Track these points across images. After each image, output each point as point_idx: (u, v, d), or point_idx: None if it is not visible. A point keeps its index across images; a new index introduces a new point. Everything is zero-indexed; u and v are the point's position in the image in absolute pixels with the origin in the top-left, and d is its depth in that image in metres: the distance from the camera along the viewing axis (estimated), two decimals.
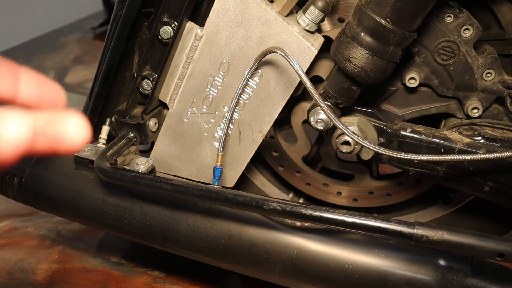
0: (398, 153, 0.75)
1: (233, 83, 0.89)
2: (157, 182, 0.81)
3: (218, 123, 0.94)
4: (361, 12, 0.74)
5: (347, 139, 0.87)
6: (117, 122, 0.96)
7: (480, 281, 0.77)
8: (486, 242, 0.69)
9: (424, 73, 0.85)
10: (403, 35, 0.74)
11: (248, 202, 0.76)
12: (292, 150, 1.07)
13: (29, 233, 1.31)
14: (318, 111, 0.86)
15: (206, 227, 0.88)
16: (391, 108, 0.91)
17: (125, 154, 0.92)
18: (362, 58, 0.75)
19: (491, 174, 0.82)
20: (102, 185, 0.94)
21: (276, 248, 0.84)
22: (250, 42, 0.85)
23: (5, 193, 1.05)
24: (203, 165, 0.98)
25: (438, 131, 0.85)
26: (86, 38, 2.78)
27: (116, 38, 0.92)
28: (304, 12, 0.83)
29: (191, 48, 0.88)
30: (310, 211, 0.73)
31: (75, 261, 1.20)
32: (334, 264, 0.82)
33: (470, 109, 0.85)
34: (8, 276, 1.16)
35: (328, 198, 1.10)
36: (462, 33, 0.80)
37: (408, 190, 1.04)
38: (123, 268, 1.17)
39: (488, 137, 0.82)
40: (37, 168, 1.00)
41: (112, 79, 0.96)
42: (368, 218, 0.72)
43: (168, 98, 0.94)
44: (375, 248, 0.82)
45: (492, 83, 0.83)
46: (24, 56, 2.56)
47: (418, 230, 0.70)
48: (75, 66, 2.42)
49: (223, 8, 0.84)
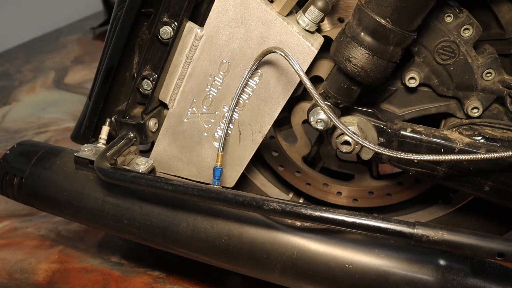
0: (398, 153, 0.75)
1: (233, 83, 0.89)
2: (157, 182, 0.81)
3: (218, 123, 0.94)
4: (361, 12, 0.74)
5: (347, 139, 0.87)
6: (117, 122, 0.96)
7: (480, 281, 0.77)
8: (486, 242, 0.69)
9: (424, 73, 0.85)
10: (403, 35, 0.74)
11: (248, 202, 0.76)
12: (292, 150, 1.07)
13: (29, 233, 1.31)
14: (318, 111, 0.86)
15: (206, 227, 0.88)
16: (391, 108, 0.91)
17: (125, 154, 0.92)
18: (362, 58, 0.75)
19: (491, 174, 0.82)
20: (102, 185, 0.94)
21: (276, 248, 0.84)
22: (250, 42, 0.85)
23: (5, 193, 1.05)
24: (203, 165, 0.98)
25: (438, 131, 0.85)
26: (86, 38, 2.78)
27: (116, 38, 0.92)
28: (304, 12, 0.83)
29: (191, 48, 0.88)
30: (310, 211, 0.73)
31: (75, 261, 1.20)
32: (334, 264, 0.82)
33: (470, 109, 0.85)
34: (8, 276, 1.16)
35: (328, 198, 1.10)
36: (462, 33, 0.80)
37: (408, 190, 1.04)
38: (123, 268, 1.17)
39: (488, 137, 0.82)
40: (37, 168, 1.00)
41: (112, 79, 0.96)
42: (368, 218, 0.72)
43: (168, 98, 0.94)
44: (375, 248, 0.82)
45: (492, 82, 0.83)
46: (24, 56, 2.56)
47: (418, 230, 0.70)
48: (75, 66, 2.42)
49: (223, 8, 0.84)
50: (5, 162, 1.04)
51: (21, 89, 2.20)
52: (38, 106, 2.04)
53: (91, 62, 2.44)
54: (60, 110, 2.00)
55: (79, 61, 2.48)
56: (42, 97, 2.13)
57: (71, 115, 1.94)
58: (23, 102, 2.09)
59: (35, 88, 2.21)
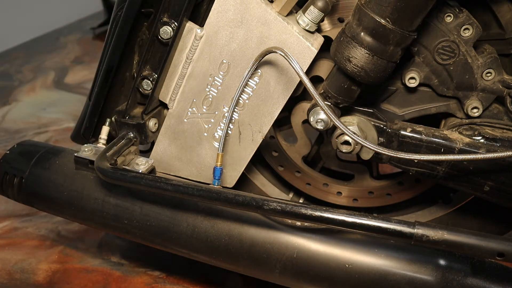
0: (398, 152, 0.75)
1: (233, 83, 0.89)
2: (157, 182, 0.81)
3: (218, 123, 0.94)
4: (361, 12, 0.74)
5: (347, 139, 0.87)
6: (117, 122, 0.96)
7: (480, 281, 0.77)
8: (486, 242, 0.69)
9: (424, 72, 0.85)
10: (403, 35, 0.74)
11: (248, 202, 0.76)
12: (292, 150, 1.07)
13: (29, 234, 1.31)
14: (318, 111, 0.86)
15: (206, 227, 0.88)
16: (391, 108, 0.91)
17: (125, 154, 0.92)
18: (362, 58, 0.75)
19: (491, 173, 0.82)
20: (102, 185, 0.94)
21: (276, 248, 0.84)
22: (250, 42, 0.85)
23: (5, 193, 1.05)
24: (203, 165, 0.98)
25: (438, 131, 0.85)
26: (86, 38, 2.78)
27: (116, 38, 0.92)
28: (304, 12, 0.83)
29: (191, 48, 0.88)
30: (310, 211, 0.73)
31: (75, 261, 1.20)
32: (334, 264, 0.82)
33: (470, 108, 0.85)
34: (8, 276, 1.16)
35: (328, 198, 1.10)
36: (462, 33, 0.80)
37: (408, 189, 1.04)
38: (123, 268, 1.17)
39: (488, 137, 0.82)
40: (37, 168, 1.00)
41: (112, 79, 0.96)
42: (368, 218, 0.72)
43: (168, 98, 0.94)
44: (375, 248, 0.82)
45: (492, 82, 0.83)
46: (24, 56, 2.56)
47: (418, 229, 0.70)
48: (75, 66, 2.42)
49: (223, 8, 0.84)
50: (5, 162, 1.04)
51: (21, 89, 2.20)
52: (38, 106, 2.04)
53: (91, 62, 2.44)
54: (60, 110, 2.00)
55: (79, 61, 2.48)
56: (42, 97, 2.13)
57: (71, 115, 1.94)
58: (23, 102, 2.09)
59: (35, 88, 2.21)
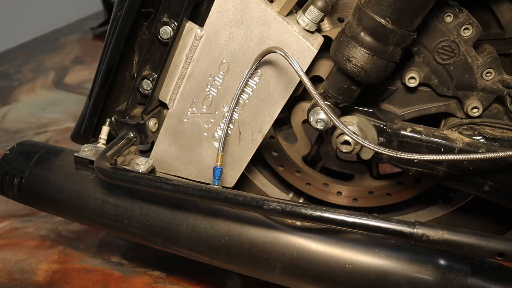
0: (398, 152, 0.75)
1: (233, 83, 0.89)
2: (157, 182, 0.81)
3: (218, 123, 0.94)
4: (361, 12, 0.74)
5: (347, 139, 0.87)
6: (117, 122, 0.96)
7: (480, 281, 0.77)
8: (486, 242, 0.69)
9: (424, 72, 0.85)
10: (403, 35, 0.74)
11: (248, 202, 0.76)
12: (292, 150, 1.07)
13: (29, 234, 1.31)
14: (318, 111, 0.86)
15: (206, 227, 0.88)
16: (391, 108, 0.91)
17: (125, 154, 0.92)
18: (362, 57, 0.75)
19: (491, 173, 0.82)
20: (102, 185, 0.94)
21: (276, 248, 0.84)
22: (250, 42, 0.85)
23: (5, 194, 1.05)
24: (203, 165, 0.98)
25: (438, 131, 0.85)
26: (86, 38, 2.78)
27: (116, 38, 0.92)
28: (304, 12, 0.83)
29: (190, 48, 0.88)
30: (310, 211, 0.73)
31: (75, 261, 1.20)
32: (334, 263, 0.82)
33: (470, 108, 0.85)
34: (8, 276, 1.16)
35: (328, 198, 1.10)
36: (462, 33, 0.80)
37: (408, 189, 1.04)
38: (123, 268, 1.17)
39: (488, 137, 0.82)
40: (37, 168, 1.00)
41: (112, 79, 0.96)
42: (368, 218, 0.72)
43: (168, 98, 0.94)
44: (375, 247, 0.82)
45: (492, 82, 0.83)
46: (24, 56, 2.56)
47: (418, 229, 0.70)
48: (75, 66, 2.42)
49: (223, 8, 0.84)
50: (5, 162, 1.04)
51: (21, 89, 2.20)
52: (38, 106, 2.04)
53: (91, 62, 2.44)
54: (60, 110, 2.00)
55: (79, 61, 2.48)
56: (42, 97, 2.13)
57: (71, 115, 1.94)
58: (23, 102, 2.09)
59: (35, 88, 2.21)
